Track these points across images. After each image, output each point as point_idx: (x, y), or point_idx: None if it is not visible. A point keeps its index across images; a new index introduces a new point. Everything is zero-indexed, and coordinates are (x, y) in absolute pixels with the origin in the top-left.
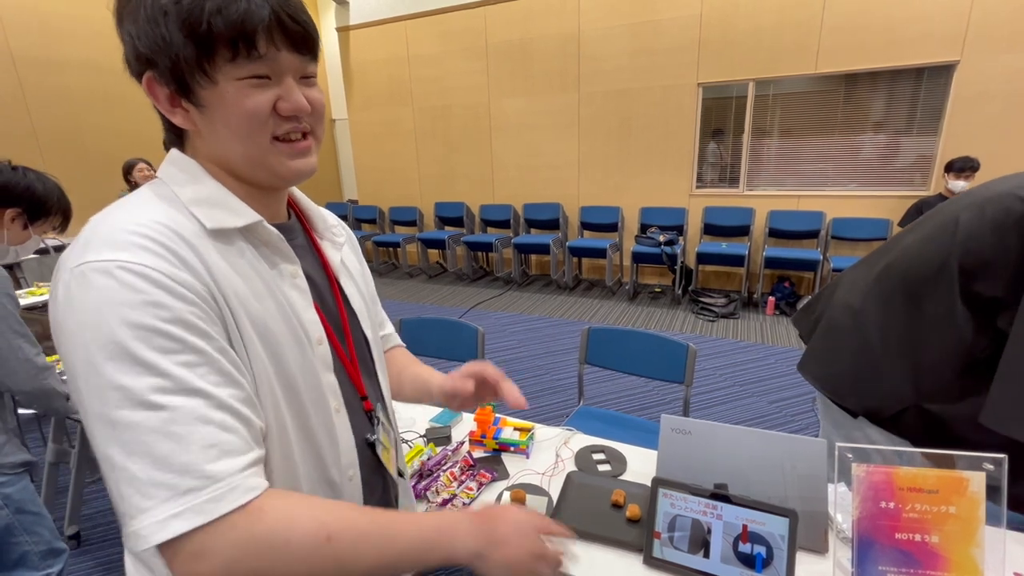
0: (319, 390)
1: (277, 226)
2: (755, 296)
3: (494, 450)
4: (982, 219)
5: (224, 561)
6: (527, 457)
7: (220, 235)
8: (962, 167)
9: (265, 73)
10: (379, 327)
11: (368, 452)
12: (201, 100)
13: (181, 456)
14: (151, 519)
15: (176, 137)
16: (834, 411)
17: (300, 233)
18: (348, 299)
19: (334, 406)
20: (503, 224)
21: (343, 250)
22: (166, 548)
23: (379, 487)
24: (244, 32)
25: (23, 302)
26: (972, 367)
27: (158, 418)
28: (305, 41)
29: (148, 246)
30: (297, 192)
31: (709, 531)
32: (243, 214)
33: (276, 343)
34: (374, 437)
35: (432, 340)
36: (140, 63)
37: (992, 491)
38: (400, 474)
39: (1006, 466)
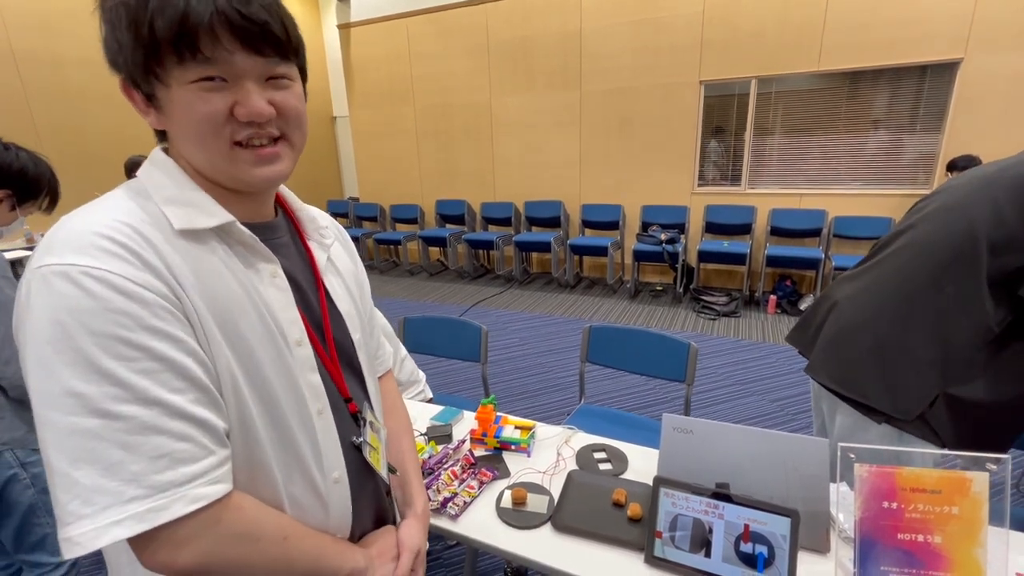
0: (298, 393)
1: (261, 224)
2: (756, 295)
3: (495, 448)
4: (992, 195)
5: (203, 551)
6: (528, 455)
7: (190, 235)
8: (965, 166)
9: (217, 75)
10: (376, 347)
11: (356, 456)
12: (160, 103)
13: (131, 465)
14: (90, 525)
15: (161, 137)
16: (850, 412)
17: (286, 231)
18: (333, 299)
19: (316, 408)
20: (504, 222)
21: (332, 250)
22: (138, 538)
23: (369, 487)
24: (185, 32)
25: None
26: (992, 340)
27: (111, 427)
28: (264, 40)
29: (109, 248)
30: (285, 190)
31: (711, 530)
32: (215, 214)
33: (247, 344)
34: (360, 440)
35: (435, 339)
36: (112, 67)
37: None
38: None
39: (1009, 466)
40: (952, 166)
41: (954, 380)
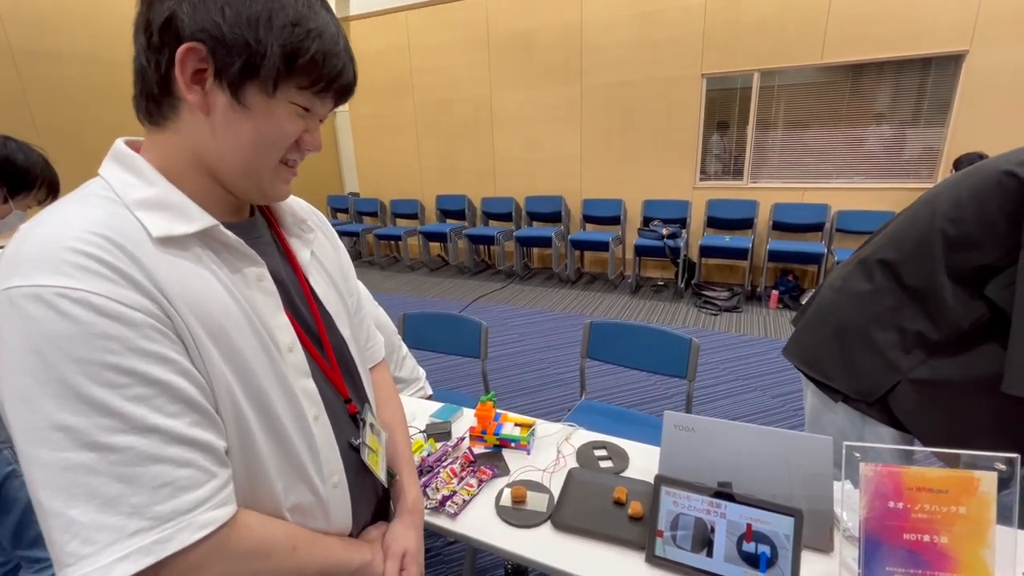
0: (294, 399)
1: (241, 224)
2: (758, 290)
3: (495, 446)
4: (959, 191)
5: (219, 574)
6: (528, 453)
7: (171, 242)
8: (969, 163)
9: (311, 108)
10: (365, 339)
11: (354, 456)
12: (247, 102)
13: (131, 498)
14: (92, 565)
15: (156, 112)
16: (816, 392)
17: (265, 229)
18: (320, 298)
19: (313, 414)
20: (505, 217)
21: (315, 244)
22: (145, 573)
23: (367, 487)
24: (336, 83)
25: None
26: (961, 337)
27: (107, 459)
28: (347, 98)
29: (87, 265)
30: None
31: (712, 530)
32: (195, 218)
33: (240, 355)
34: (359, 441)
35: (435, 335)
36: (181, 37)
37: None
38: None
39: (1019, 465)
40: (957, 164)
41: (914, 369)
